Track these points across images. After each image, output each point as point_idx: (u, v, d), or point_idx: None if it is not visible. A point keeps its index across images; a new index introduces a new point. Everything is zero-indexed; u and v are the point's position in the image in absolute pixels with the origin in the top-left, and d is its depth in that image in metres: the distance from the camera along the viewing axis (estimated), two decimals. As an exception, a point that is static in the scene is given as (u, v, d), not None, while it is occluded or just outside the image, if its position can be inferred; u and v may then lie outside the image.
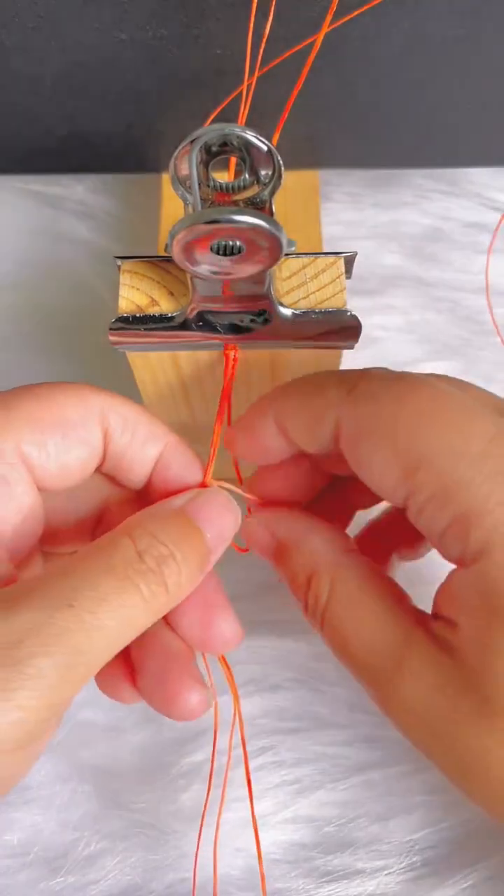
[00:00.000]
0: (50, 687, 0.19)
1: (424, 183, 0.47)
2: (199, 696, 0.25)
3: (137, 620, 0.22)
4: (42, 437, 0.24)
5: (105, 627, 0.20)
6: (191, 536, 0.24)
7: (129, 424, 0.25)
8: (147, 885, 0.33)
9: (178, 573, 0.23)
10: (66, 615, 0.20)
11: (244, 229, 0.22)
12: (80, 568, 0.21)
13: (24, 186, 0.47)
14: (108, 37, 0.33)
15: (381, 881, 0.33)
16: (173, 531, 0.23)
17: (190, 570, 0.23)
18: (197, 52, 0.33)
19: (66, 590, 0.20)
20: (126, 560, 0.22)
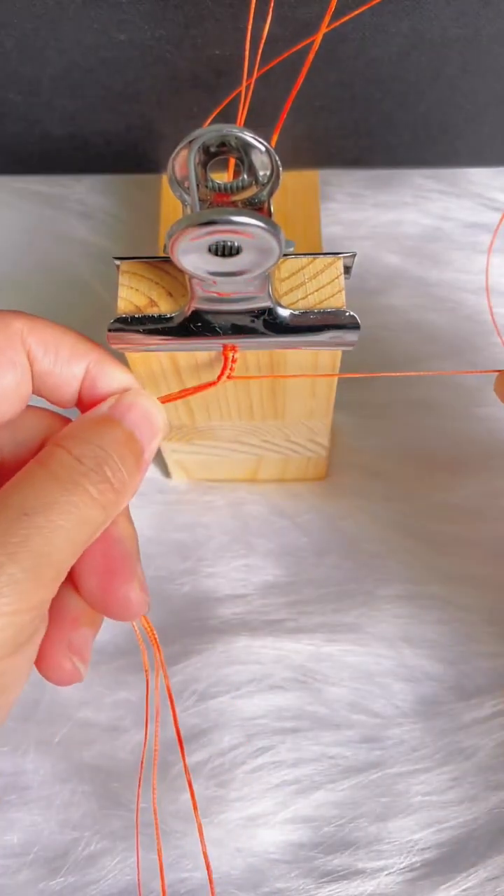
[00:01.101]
0: (24, 591, 0.21)
1: (424, 183, 0.47)
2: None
3: (92, 517, 0.23)
4: None
5: (62, 528, 0.22)
6: (121, 436, 0.25)
7: (52, 345, 0.26)
8: (147, 885, 0.33)
9: (119, 470, 0.24)
10: (24, 523, 0.21)
11: (242, 230, 0.22)
12: (25, 481, 0.23)
13: (24, 186, 0.47)
14: (107, 37, 0.33)
15: (381, 881, 0.33)
16: (104, 434, 0.25)
17: (129, 467, 0.24)
18: (196, 53, 0.33)
19: (17, 501, 0.22)
20: (66, 466, 0.23)
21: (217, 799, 0.35)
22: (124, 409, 0.26)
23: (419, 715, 0.36)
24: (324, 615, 0.38)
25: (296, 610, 0.39)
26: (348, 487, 0.41)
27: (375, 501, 0.41)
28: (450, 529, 0.40)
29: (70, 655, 0.26)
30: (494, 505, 0.40)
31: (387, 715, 0.36)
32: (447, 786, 0.35)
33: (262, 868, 0.34)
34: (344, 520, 0.40)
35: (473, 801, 0.34)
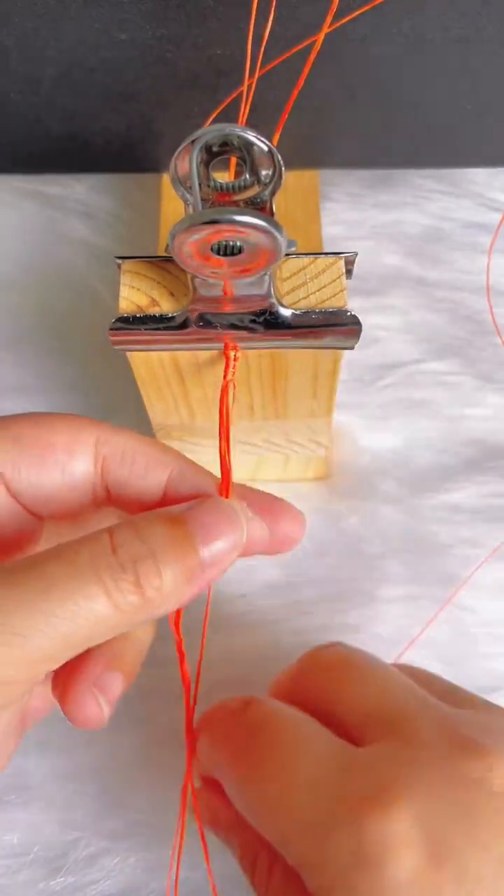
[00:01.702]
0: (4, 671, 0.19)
1: (424, 183, 0.47)
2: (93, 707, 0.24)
3: (104, 619, 0.20)
4: (17, 455, 0.23)
5: (62, 622, 0.19)
6: (179, 540, 0.22)
7: (128, 455, 0.24)
8: (147, 884, 0.33)
9: (158, 576, 0.21)
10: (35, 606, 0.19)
11: (244, 229, 0.22)
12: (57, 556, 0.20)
13: (24, 186, 0.47)
14: (108, 37, 0.33)
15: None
16: (159, 530, 0.21)
17: (174, 577, 0.21)
18: (197, 53, 0.33)
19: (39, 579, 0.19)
20: (97, 551, 0.20)
21: (217, 799, 0.35)
22: (197, 512, 0.23)
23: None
24: (324, 616, 0.38)
25: (296, 610, 0.38)
26: (349, 487, 0.41)
27: (376, 501, 0.40)
28: (450, 530, 0.40)
29: (96, 693, 0.24)
30: (494, 505, 0.40)
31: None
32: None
33: (262, 868, 0.34)
34: (344, 520, 0.40)
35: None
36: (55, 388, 0.44)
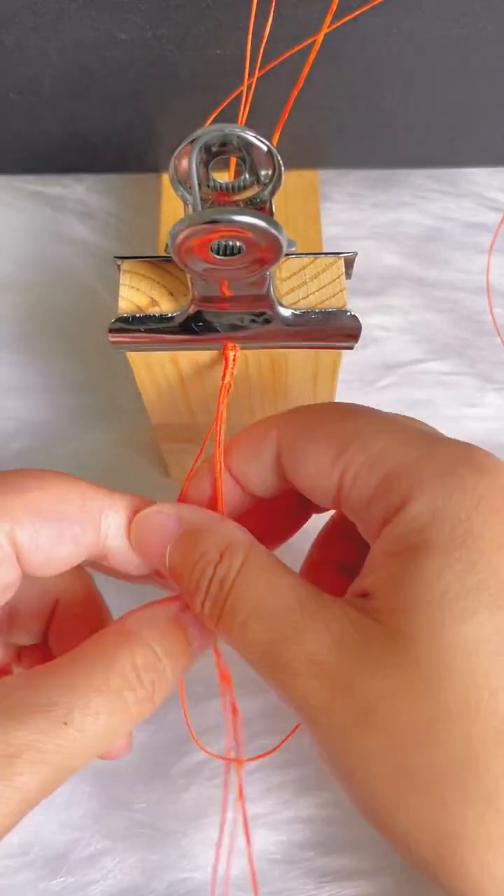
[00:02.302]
0: (27, 797, 0.21)
1: (424, 183, 0.47)
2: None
3: (121, 730, 0.23)
4: (37, 528, 0.24)
5: (90, 741, 0.22)
6: (182, 650, 0.25)
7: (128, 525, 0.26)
8: (147, 884, 0.33)
9: (165, 687, 0.24)
10: (60, 735, 0.21)
11: (244, 229, 0.22)
12: (78, 679, 0.23)
13: (24, 186, 0.47)
14: (108, 37, 0.33)
15: (381, 881, 0.33)
16: (169, 645, 0.24)
17: (174, 681, 0.24)
18: (197, 52, 0.33)
19: (63, 704, 0.22)
20: (123, 677, 0.23)
21: (217, 799, 0.35)
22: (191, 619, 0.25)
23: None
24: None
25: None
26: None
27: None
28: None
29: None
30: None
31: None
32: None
33: (262, 868, 0.34)
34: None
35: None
36: (55, 388, 0.44)
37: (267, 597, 0.23)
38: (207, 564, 0.24)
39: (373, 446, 0.23)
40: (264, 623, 0.22)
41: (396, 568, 0.21)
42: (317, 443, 0.24)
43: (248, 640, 0.22)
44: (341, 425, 0.24)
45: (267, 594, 0.23)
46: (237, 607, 0.23)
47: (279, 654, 0.22)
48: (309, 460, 0.24)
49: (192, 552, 0.24)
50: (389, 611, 0.21)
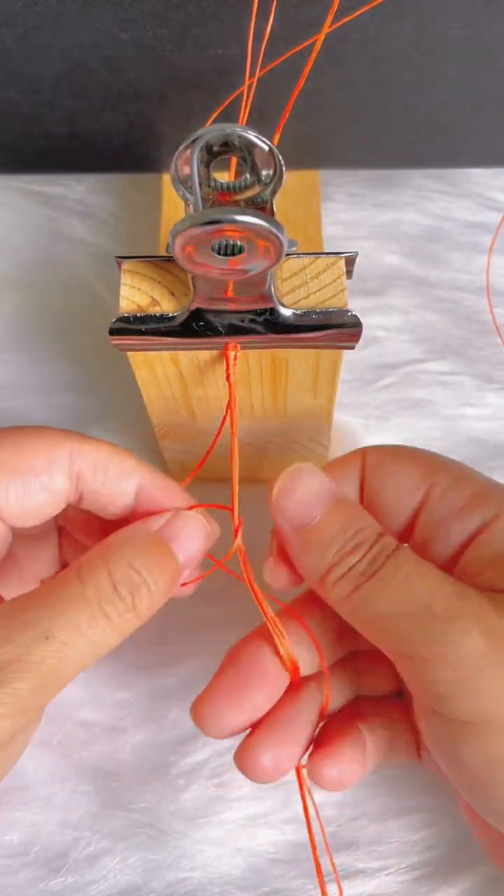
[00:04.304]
0: (23, 704, 0.23)
1: (424, 183, 0.47)
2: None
3: (107, 642, 0.24)
4: (4, 484, 0.26)
5: (76, 654, 0.24)
6: (164, 561, 0.26)
7: (101, 465, 0.27)
8: (147, 885, 0.33)
9: (150, 597, 0.25)
10: (43, 647, 0.23)
11: (246, 229, 0.22)
12: (56, 597, 0.24)
13: (24, 186, 0.47)
14: (108, 37, 0.33)
15: (381, 881, 0.33)
16: (148, 557, 0.25)
17: (160, 591, 0.25)
18: (197, 52, 0.33)
19: (44, 621, 0.23)
20: (100, 591, 0.24)
21: (217, 799, 0.35)
22: (176, 531, 0.27)
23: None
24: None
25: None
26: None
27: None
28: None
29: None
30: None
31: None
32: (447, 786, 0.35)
33: (262, 868, 0.34)
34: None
35: (473, 800, 0.34)
36: (55, 388, 0.44)
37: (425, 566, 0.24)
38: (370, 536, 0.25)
39: (455, 471, 0.27)
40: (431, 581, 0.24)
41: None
42: (404, 466, 0.28)
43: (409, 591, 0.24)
44: (425, 455, 0.28)
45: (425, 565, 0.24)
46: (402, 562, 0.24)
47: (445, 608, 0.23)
48: (397, 479, 0.27)
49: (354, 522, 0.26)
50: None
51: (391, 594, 0.24)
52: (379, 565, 0.24)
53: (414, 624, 0.23)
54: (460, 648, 0.22)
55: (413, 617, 0.23)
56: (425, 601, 0.23)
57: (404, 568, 0.24)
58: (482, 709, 0.23)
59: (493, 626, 0.23)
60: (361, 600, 0.24)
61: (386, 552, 0.25)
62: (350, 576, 0.24)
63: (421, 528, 0.27)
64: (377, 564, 0.24)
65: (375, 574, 0.24)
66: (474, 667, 0.22)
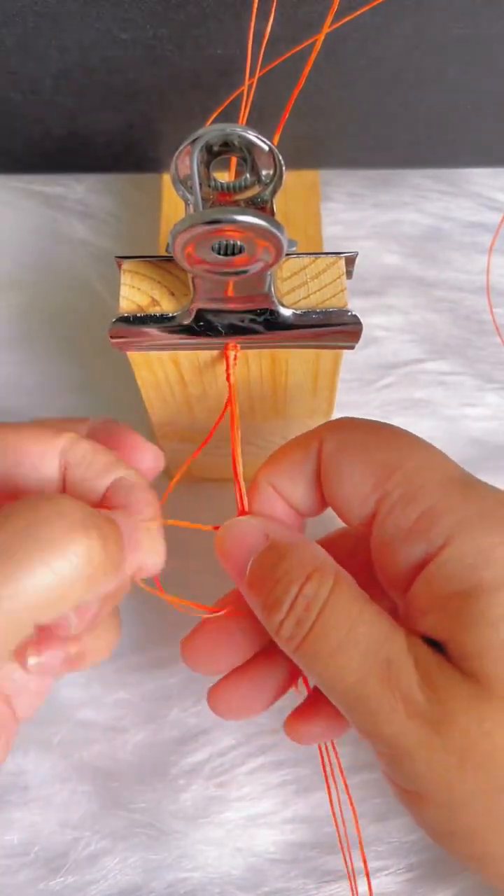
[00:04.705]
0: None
1: (424, 183, 0.47)
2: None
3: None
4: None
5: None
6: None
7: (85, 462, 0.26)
8: (147, 885, 0.33)
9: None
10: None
11: (246, 229, 0.22)
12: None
13: (24, 186, 0.47)
14: (108, 37, 0.33)
15: (381, 881, 0.33)
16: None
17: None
18: (197, 52, 0.33)
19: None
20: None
21: (217, 799, 0.35)
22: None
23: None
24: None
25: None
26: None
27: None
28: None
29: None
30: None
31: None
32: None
33: (262, 868, 0.34)
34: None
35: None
36: (55, 387, 0.44)
37: (359, 626, 0.22)
38: (292, 582, 0.23)
39: (414, 480, 0.24)
40: (357, 654, 0.22)
41: (455, 611, 0.22)
42: (358, 466, 0.25)
43: (337, 670, 0.22)
44: (384, 454, 0.25)
45: (359, 623, 0.22)
46: (328, 633, 0.22)
47: (371, 690, 0.22)
48: (348, 483, 0.25)
49: (277, 567, 0.24)
50: (462, 655, 0.22)
51: (323, 664, 0.23)
52: (307, 629, 0.23)
53: (346, 698, 0.22)
54: (388, 730, 0.22)
55: (344, 693, 0.22)
56: (353, 679, 0.22)
57: (331, 637, 0.22)
58: (416, 785, 0.22)
59: (418, 706, 0.22)
60: (302, 663, 0.23)
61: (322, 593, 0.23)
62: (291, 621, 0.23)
63: (374, 543, 0.25)
64: (304, 625, 0.23)
65: (306, 638, 0.23)
66: (404, 746, 0.22)
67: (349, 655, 0.22)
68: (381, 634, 0.22)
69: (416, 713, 0.21)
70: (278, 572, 0.24)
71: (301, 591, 0.23)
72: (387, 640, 0.22)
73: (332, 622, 0.23)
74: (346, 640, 0.22)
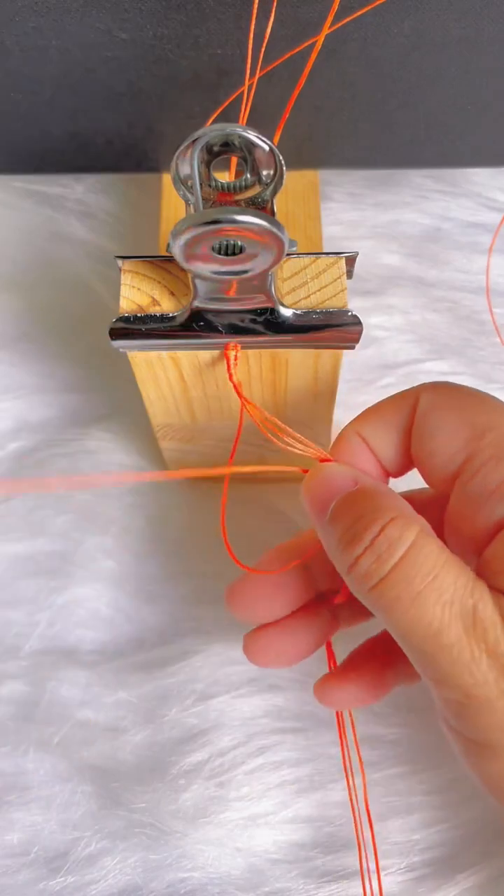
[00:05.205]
0: None
1: (424, 183, 0.47)
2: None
3: None
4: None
5: None
6: None
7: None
8: (147, 885, 0.33)
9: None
10: None
11: (246, 229, 0.22)
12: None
13: (24, 186, 0.47)
14: (109, 36, 0.33)
15: (381, 881, 0.33)
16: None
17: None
18: (197, 52, 0.33)
19: None
20: None
21: (217, 799, 0.35)
22: None
23: (419, 713, 0.36)
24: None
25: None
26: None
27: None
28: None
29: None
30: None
31: (386, 713, 0.36)
32: (447, 786, 0.35)
33: (262, 868, 0.34)
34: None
35: (473, 800, 0.34)
36: (55, 388, 0.44)
37: (445, 574, 0.22)
38: (376, 520, 0.23)
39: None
40: (443, 599, 0.22)
41: None
42: (451, 423, 0.25)
43: (418, 616, 0.22)
44: (478, 415, 0.25)
45: (444, 571, 0.22)
46: (412, 577, 0.22)
47: (453, 638, 0.22)
48: (439, 438, 0.25)
49: (361, 506, 0.24)
50: None
51: (403, 608, 0.22)
52: (389, 568, 0.23)
53: (424, 644, 0.22)
54: (469, 679, 0.22)
55: (424, 639, 0.22)
56: (435, 625, 0.22)
57: (415, 581, 0.22)
58: (488, 735, 0.22)
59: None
60: (377, 605, 0.23)
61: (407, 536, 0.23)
62: (361, 574, 0.23)
63: (454, 499, 0.25)
64: (386, 564, 0.23)
65: (386, 578, 0.23)
66: (483, 696, 0.22)
67: (433, 601, 0.22)
68: (466, 584, 0.22)
69: (501, 664, 0.22)
70: (363, 509, 0.24)
71: (384, 529, 0.23)
72: (473, 590, 0.22)
73: (416, 566, 0.22)
74: (431, 586, 0.22)
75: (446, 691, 0.22)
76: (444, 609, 0.22)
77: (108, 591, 0.39)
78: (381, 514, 0.23)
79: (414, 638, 0.22)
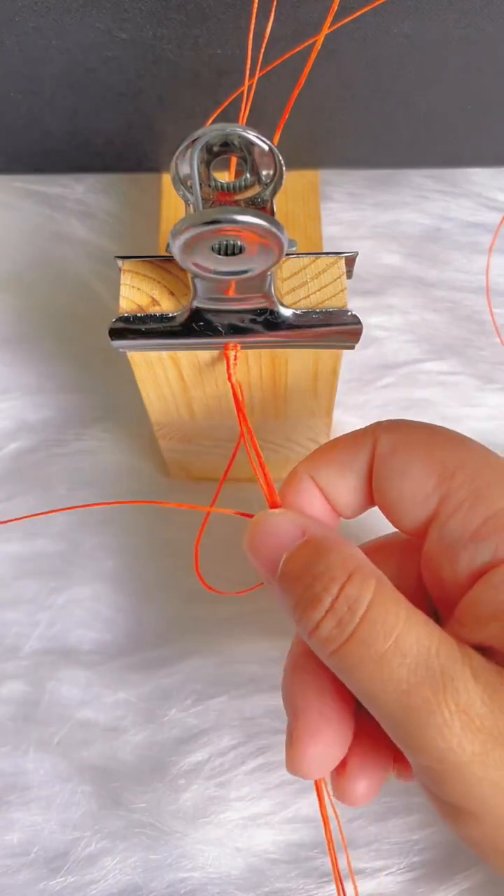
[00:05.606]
0: None
1: (424, 183, 0.47)
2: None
3: None
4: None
5: None
6: None
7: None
8: (147, 885, 0.33)
9: None
10: None
11: (246, 229, 0.22)
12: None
13: (24, 186, 0.47)
14: (109, 36, 0.33)
15: (381, 881, 0.33)
16: None
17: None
18: (197, 52, 0.33)
19: None
20: None
21: (217, 799, 0.35)
22: None
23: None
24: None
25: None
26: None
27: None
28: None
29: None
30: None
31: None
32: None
33: (262, 868, 0.34)
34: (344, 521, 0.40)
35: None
36: (55, 388, 0.44)
37: (407, 633, 0.21)
38: (333, 580, 0.22)
39: (479, 481, 0.23)
40: (408, 662, 0.21)
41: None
42: (418, 464, 0.23)
43: (383, 680, 0.21)
44: (445, 451, 0.24)
45: (407, 629, 0.21)
46: (374, 639, 0.21)
47: (422, 702, 0.20)
48: (407, 482, 0.24)
49: (315, 564, 0.22)
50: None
51: (367, 672, 0.21)
52: (350, 631, 0.21)
53: (392, 709, 0.21)
54: (441, 744, 0.20)
55: (391, 704, 0.21)
56: (403, 688, 0.20)
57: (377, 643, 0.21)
58: (466, 801, 0.21)
59: (480, 718, 0.20)
60: (340, 669, 0.22)
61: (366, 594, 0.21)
62: (331, 621, 0.21)
63: (430, 545, 0.24)
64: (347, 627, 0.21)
65: (348, 642, 0.21)
66: (458, 761, 0.20)
67: (397, 664, 0.21)
68: (431, 642, 0.21)
69: (476, 727, 0.20)
70: (318, 568, 0.22)
71: (343, 590, 0.21)
72: (439, 648, 0.21)
73: (377, 626, 0.21)
74: (395, 647, 0.21)
75: (419, 757, 0.21)
76: (411, 671, 0.20)
77: (108, 591, 0.39)
78: (338, 570, 0.22)
79: (379, 703, 0.21)
